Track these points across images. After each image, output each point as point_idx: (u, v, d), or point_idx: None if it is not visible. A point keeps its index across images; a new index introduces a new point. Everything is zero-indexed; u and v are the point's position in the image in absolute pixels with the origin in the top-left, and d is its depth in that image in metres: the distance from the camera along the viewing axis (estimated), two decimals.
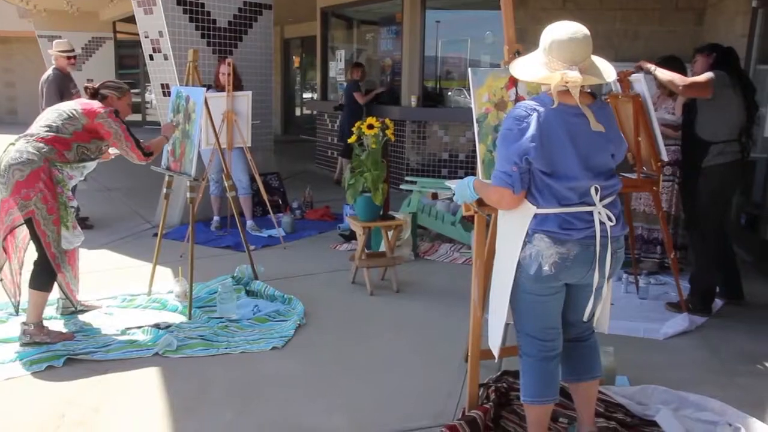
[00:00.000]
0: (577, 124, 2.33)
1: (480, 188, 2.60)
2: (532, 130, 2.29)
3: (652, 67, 4.19)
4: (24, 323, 3.68)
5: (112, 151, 4.04)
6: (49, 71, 6.29)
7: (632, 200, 5.16)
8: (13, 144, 3.67)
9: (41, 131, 3.67)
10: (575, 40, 2.31)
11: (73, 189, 4.02)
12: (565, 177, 2.33)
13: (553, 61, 2.32)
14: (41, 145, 3.61)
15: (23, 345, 3.63)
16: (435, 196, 6.08)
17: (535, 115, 2.31)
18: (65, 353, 3.52)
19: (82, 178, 4.04)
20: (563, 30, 2.33)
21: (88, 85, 3.98)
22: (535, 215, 2.36)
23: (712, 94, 4.05)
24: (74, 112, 3.74)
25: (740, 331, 4.06)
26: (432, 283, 5.01)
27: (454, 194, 2.78)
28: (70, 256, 3.85)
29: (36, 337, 3.65)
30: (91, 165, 3.93)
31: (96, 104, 3.83)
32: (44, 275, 3.67)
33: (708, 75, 4.07)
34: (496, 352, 2.68)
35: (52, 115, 3.75)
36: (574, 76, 2.25)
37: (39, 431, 2.87)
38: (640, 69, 4.23)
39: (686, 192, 4.73)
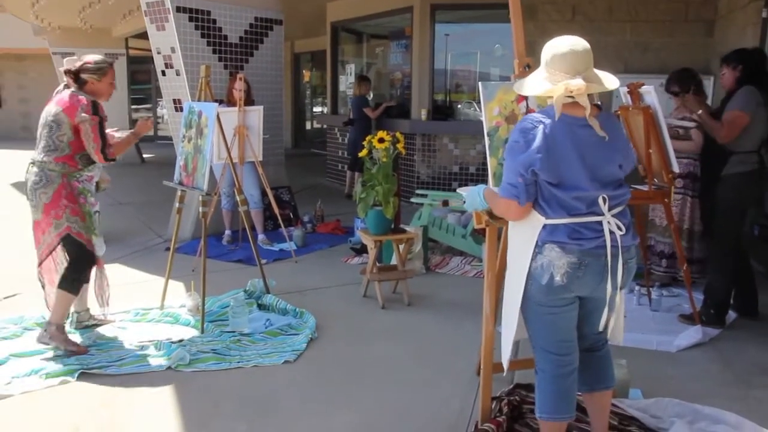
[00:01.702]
0: (583, 136, 2.35)
1: (489, 198, 2.62)
2: (537, 141, 2.31)
3: (700, 112, 4.36)
4: (48, 322, 3.78)
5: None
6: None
7: (649, 211, 5.15)
8: (32, 164, 3.75)
9: (45, 154, 3.71)
10: (575, 51, 2.34)
11: (97, 186, 4.00)
12: (572, 187, 2.34)
13: (554, 73, 2.35)
14: (52, 165, 3.70)
15: (39, 342, 3.74)
16: (446, 203, 6.10)
17: (541, 127, 2.33)
18: (79, 367, 3.54)
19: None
20: (563, 43, 2.37)
21: (69, 67, 3.85)
22: (545, 226, 2.37)
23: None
24: (57, 117, 3.70)
25: (754, 344, 4.03)
26: (443, 296, 5.01)
27: (464, 202, 2.79)
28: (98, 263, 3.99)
29: (54, 340, 3.73)
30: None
31: (72, 98, 3.73)
32: (74, 278, 3.78)
33: (739, 113, 4.07)
34: (506, 365, 2.68)
35: (44, 131, 3.75)
36: (577, 83, 2.28)
37: None
38: (691, 118, 4.64)
39: (705, 203, 4.70)
